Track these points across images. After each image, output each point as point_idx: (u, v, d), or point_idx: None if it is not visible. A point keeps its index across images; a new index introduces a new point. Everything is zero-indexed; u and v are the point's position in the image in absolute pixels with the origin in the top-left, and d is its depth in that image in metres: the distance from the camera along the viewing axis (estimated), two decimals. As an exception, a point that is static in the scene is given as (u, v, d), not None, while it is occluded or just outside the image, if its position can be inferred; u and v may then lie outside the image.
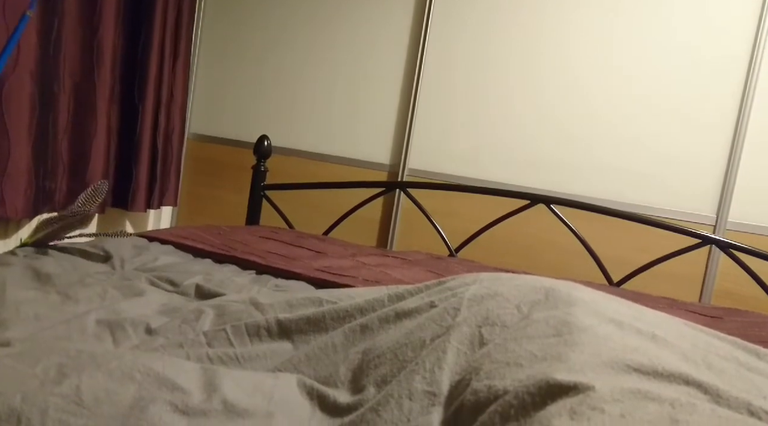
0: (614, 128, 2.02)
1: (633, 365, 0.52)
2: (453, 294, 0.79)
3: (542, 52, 2.09)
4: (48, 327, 0.85)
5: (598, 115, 2.04)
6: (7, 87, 1.61)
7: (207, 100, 2.56)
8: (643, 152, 2.00)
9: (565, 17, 2.06)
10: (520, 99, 2.12)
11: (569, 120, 2.07)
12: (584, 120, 2.05)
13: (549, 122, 2.09)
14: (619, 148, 2.02)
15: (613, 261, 1.82)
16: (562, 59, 2.07)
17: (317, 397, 0.69)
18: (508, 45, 2.13)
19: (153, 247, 1.43)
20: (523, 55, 2.11)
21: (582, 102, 2.06)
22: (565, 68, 2.07)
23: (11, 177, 1.66)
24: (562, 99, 2.08)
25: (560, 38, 2.07)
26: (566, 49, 2.07)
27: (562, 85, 2.08)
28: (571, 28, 2.06)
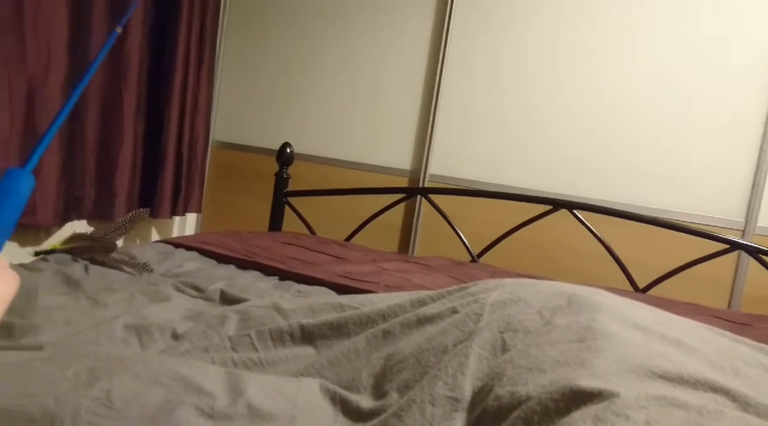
0: (638, 131, 2.00)
1: (658, 372, 0.51)
2: (475, 300, 0.79)
3: (564, 54, 2.08)
4: (78, 331, 0.87)
5: (622, 118, 2.02)
6: (39, 99, 1.66)
7: (230, 109, 2.60)
8: (668, 155, 1.97)
9: (586, 19, 2.05)
10: (541, 102, 2.11)
11: (592, 123, 2.05)
12: (607, 123, 2.03)
13: (571, 126, 2.07)
14: (643, 152, 1.99)
15: (638, 267, 1.79)
16: (584, 61, 2.06)
17: (340, 401, 0.70)
18: (529, 48, 2.12)
19: (178, 253, 1.45)
20: (544, 58, 2.10)
21: (604, 105, 2.03)
22: (587, 71, 2.05)
23: (42, 186, 1.71)
24: (584, 102, 2.06)
25: (582, 40, 2.06)
26: (588, 51, 2.05)
27: (584, 87, 2.06)
28: (593, 29, 2.04)
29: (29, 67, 1.63)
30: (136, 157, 2.13)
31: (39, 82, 1.66)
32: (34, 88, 1.65)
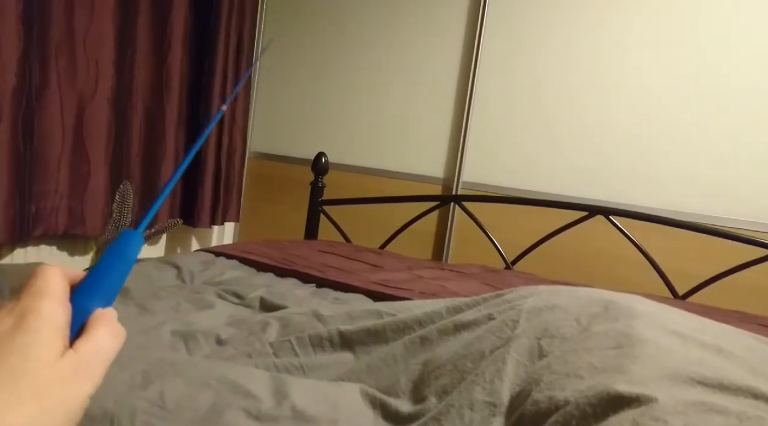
0: (677, 134, 1.96)
1: (697, 378, 0.52)
2: (511, 306, 0.80)
3: (599, 58, 2.06)
4: (129, 336, 0.91)
5: (660, 121, 1.98)
6: (88, 114, 1.74)
7: (266, 120, 2.66)
8: (707, 159, 1.93)
9: (622, 21, 2.03)
10: (575, 107, 2.10)
11: (628, 127, 2.03)
12: (644, 126, 2.00)
13: (606, 130, 2.05)
14: (681, 155, 1.96)
15: (677, 273, 1.76)
16: (620, 65, 2.03)
17: (380, 406, 0.72)
18: (563, 53, 2.11)
19: (219, 261, 1.50)
20: (578, 63, 2.09)
21: (640, 108, 2.01)
22: (622, 74, 2.03)
23: (91, 197, 1.79)
24: (619, 106, 2.04)
25: (618, 43, 2.04)
26: (625, 54, 2.03)
27: (619, 91, 2.03)
28: (629, 31, 2.02)
29: (79, 83, 1.71)
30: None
31: (87, 97, 1.74)
32: (83, 104, 1.73)
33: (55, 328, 0.32)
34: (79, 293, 0.35)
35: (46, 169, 1.65)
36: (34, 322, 0.31)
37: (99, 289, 0.36)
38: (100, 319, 0.35)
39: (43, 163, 1.64)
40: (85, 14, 1.70)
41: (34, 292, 0.33)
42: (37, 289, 0.33)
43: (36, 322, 0.31)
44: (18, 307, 0.32)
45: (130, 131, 1.95)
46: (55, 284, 0.34)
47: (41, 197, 1.65)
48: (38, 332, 0.31)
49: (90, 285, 0.36)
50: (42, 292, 0.33)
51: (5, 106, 1.44)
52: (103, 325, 0.35)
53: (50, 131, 1.64)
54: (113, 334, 0.35)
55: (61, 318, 0.33)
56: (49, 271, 0.34)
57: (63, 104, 1.67)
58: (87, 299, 0.35)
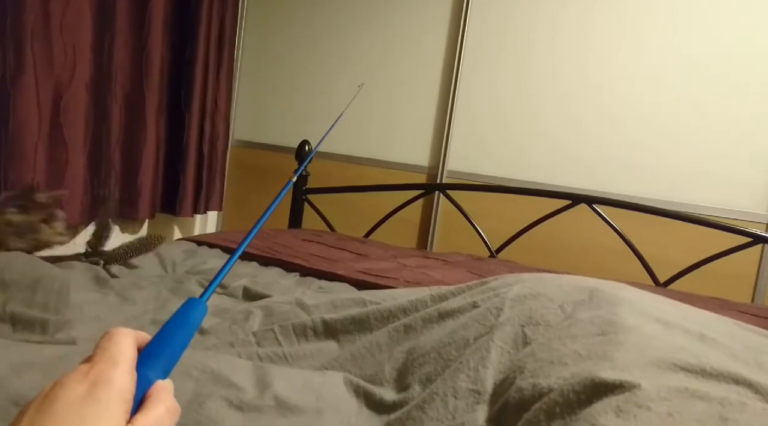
0: (658, 124, 1.98)
1: (680, 364, 0.52)
2: (495, 294, 0.80)
3: (584, 49, 2.07)
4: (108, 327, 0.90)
5: (642, 112, 2.00)
6: (65, 100, 1.70)
7: (249, 108, 2.63)
8: (689, 149, 1.94)
9: (609, 12, 2.03)
10: (560, 97, 2.10)
11: (610, 117, 2.04)
12: (626, 116, 2.02)
13: (589, 120, 2.06)
14: (663, 145, 1.97)
15: (658, 261, 1.78)
16: (602, 55, 2.04)
17: (364, 394, 0.71)
18: (546, 44, 2.11)
19: (201, 250, 1.48)
20: (562, 53, 2.09)
21: (623, 98, 2.02)
22: (605, 63, 2.04)
23: (69, 185, 1.75)
24: (603, 96, 2.04)
25: (603, 34, 2.04)
26: (610, 45, 2.03)
27: (603, 82, 2.04)
28: (614, 22, 2.02)
29: (56, 69, 1.67)
30: (159, 156, 2.17)
31: (65, 83, 1.70)
32: (60, 90, 1.69)
33: (124, 400, 0.33)
34: (143, 361, 0.36)
35: (22, 157, 1.61)
36: (105, 393, 0.32)
37: (161, 358, 0.37)
38: (160, 395, 0.36)
39: (19, 150, 1.60)
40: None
41: (108, 357, 0.34)
42: (111, 356, 0.34)
43: (107, 393, 0.32)
44: (92, 373, 0.33)
45: (109, 118, 1.91)
46: (127, 352, 0.35)
47: (17, 186, 1.61)
48: (109, 404, 0.32)
49: (153, 352, 0.37)
50: (115, 359, 0.34)
51: (-22, 91, 1.40)
52: (162, 401, 0.35)
53: (26, 118, 1.60)
54: (170, 411, 0.36)
55: (130, 389, 0.34)
56: (123, 337, 0.36)
57: (39, 90, 1.62)
58: (150, 368, 0.36)
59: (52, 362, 0.64)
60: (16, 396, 0.55)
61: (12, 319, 0.87)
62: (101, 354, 0.34)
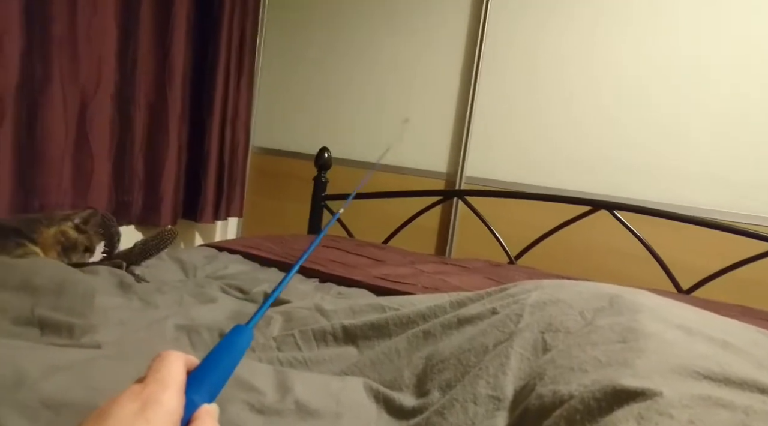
0: (680, 129, 1.95)
1: (702, 372, 0.51)
2: (515, 301, 0.80)
3: (601, 53, 2.05)
4: (133, 331, 0.92)
5: (662, 117, 1.98)
6: (90, 109, 1.74)
7: (269, 115, 2.66)
8: (711, 153, 1.92)
9: (622, 17, 2.02)
10: (579, 102, 2.09)
11: (630, 122, 2.02)
12: (646, 121, 2.00)
13: (609, 125, 2.05)
14: (684, 150, 1.95)
15: (681, 268, 1.76)
16: (622, 60, 2.02)
17: (383, 400, 0.72)
18: (566, 47, 2.10)
19: (222, 256, 1.50)
20: (581, 58, 2.08)
21: (643, 103, 2.00)
22: (625, 68, 2.02)
23: (94, 193, 1.79)
24: (622, 100, 2.03)
25: (619, 38, 2.03)
26: (626, 49, 2.02)
27: (622, 85, 2.03)
28: (632, 27, 2.01)
29: (82, 78, 1.71)
30: (180, 163, 2.20)
31: (90, 92, 1.74)
32: (86, 99, 1.73)
33: (172, 422, 0.34)
34: (191, 384, 0.37)
35: (49, 164, 1.65)
36: (155, 414, 0.33)
37: (207, 382, 0.38)
38: (205, 419, 0.37)
39: (47, 158, 1.64)
40: (88, 8, 1.69)
41: (159, 379, 0.35)
42: (162, 378, 0.35)
43: (157, 414, 0.33)
44: (144, 393, 0.34)
45: (132, 126, 1.95)
46: (178, 375, 0.36)
47: (45, 193, 1.65)
48: (157, 424, 0.33)
49: (200, 376, 0.38)
50: (166, 381, 0.35)
51: (8, 102, 1.44)
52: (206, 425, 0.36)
53: (53, 127, 1.64)
54: None
55: (178, 412, 0.35)
56: (174, 360, 0.37)
57: (66, 99, 1.66)
58: (196, 392, 0.37)
59: (79, 365, 0.66)
60: (46, 398, 0.56)
61: (40, 322, 0.89)
62: (153, 376, 0.36)
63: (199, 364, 0.39)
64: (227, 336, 0.42)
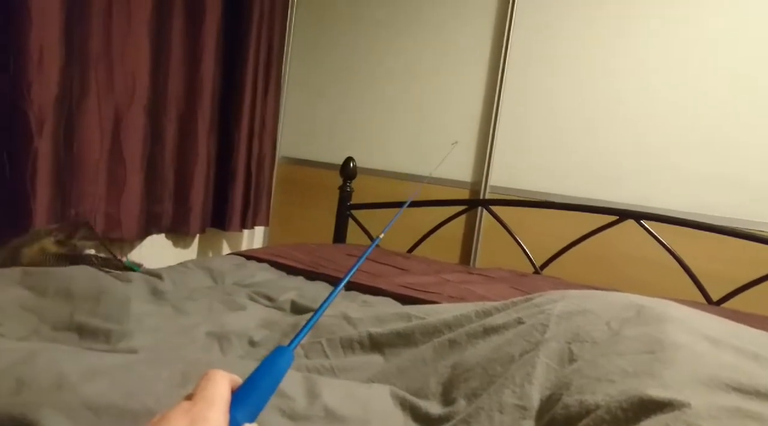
0: (709, 137, 1.93)
1: (732, 384, 0.51)
2: (540, 310, 0.80)
3: (625, 62, 2.04)
4: (166, 337, 0.94)
5: (690, 124, 1.95)
6: (124, 121, 1.80)
7: (296, 126, 2.70)
8: (740, 162, 1.88)
9: (646, 26, 2.00)
10: (604, 111, 2.07)
11: (658, 131, 2.00)
12: (674, 130, 1.97)
13: (636, 133, 2.03)
14: (714, 159, 1.92)
15: (710, 278, 1.72)
16: (649, 68, 2.01)
17: (410, 407, 0.73)
18: (590, 58, 2.10)
19: (250, 264, 1.53)
20: (605, 67, 2.07)
21: (671, 111, 1.98)
22: (652, 78, 2.00)
23: (126, 202, 1.84)
24: (649, 109, 2.01)
25: (644, 47, 2.01)
26: (652, 57, 2.00)
27: (649, 95, 2.01)
28: (656, 35, 1.99)
29: (117, 92, 1.77)
30: (209, 173, 2.25)
31: (124, 106, 1.80)
32: (120, 112, 1.79)
33: None
34: (235, 403, 0.39)
35: (85, 174, 1.71)
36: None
37: (249, 402, 0.40)
38: None
39: (83, 169, 1.70)
40: (123, 26, 1.75)
41: (207, 397, 0.37)
42: (209, 396, 0.37)
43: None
44: (192, 411, 0.36)
45: (164, 137, 2.00)
46: (224, 394, 0.38)
47: (81, 202, 1.71)
48: None
49: (243, 396, 0.40)
50: (213, 400, 0.37)
51: (48, 114, 1.50)
52: None
53: (89, 139, 1.70)
54: None
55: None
56: (220, 379, 0.39)
57: (101, 112, 1.72)
58: (239, 410, 0.39)
59: (117, 369, 0.68)
60: (88, 400, 0.59)
61: (78, 328, 0.93)
62: (201, 394, 0.37)
63: (242, 383, 0.41)
64: (269, 357, 0.43)
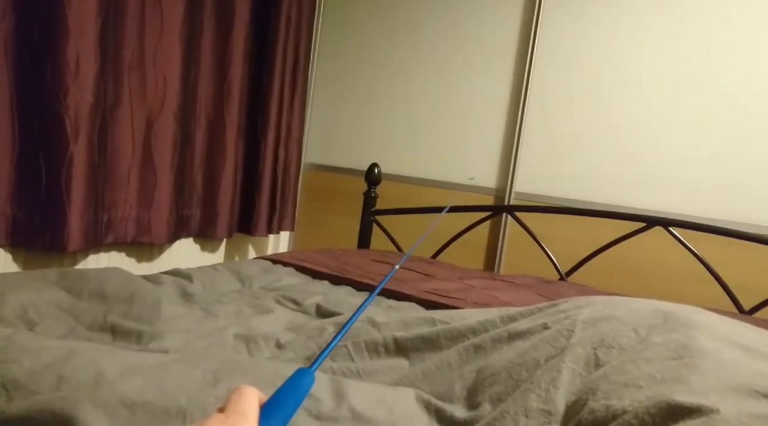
0: (739, 143, 1.89)
1: (762, 390, 0.51)
2: (566, 316, 0.80)
3: (654, 66, 2.02)
4: (196, 338, 0.97)
5: (720, 130, 1.92)
6: (156, 128, 1.85)
7: (321, 132, 2.73)
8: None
9: (672, 34, 1.98)
10: (630, 118, 2.05)
11: (685, 136, 1.96)
12: (703, 135, 1.94)
13: (663, 139, 2.00)
14: (743, 165, 1.88)
15: (742, 287, 1.69)
16: (676, 74, 1.98)
17: (435, 411, 0.73)
18: (617, 62, 2.08)
19: (276, 268, 1.55)
20: (632, 73, 2.05)
21: (699, 116, 1.94)
22: (679, 82, 1.98)
23: (156, 207, 1.88)
24: (677, 114, 1.98)
25: (672, 52, 1.99)
26: (681, 62, 1.97)
27: (675, 101, 1.98)
28: (684, 40, 1.97)
29: (149, 99, 1.82)
30: (237, 179, 2.29)
31: (156, 112, 1.85)
32: (151, 119, 1.84)
33: None
34: (263, 418, 0.41)
35: (117, 180, 1.76)
36: None
37: (276, 418, 0.42)
38: None
39: (116, 174, 1.75)
40: (155, 34, 1.81)
41: (240, 411, 0.39)
42: (242, 411, 0.39)
43: None
44: (227, 422, 0.38)
45: (193, 143, 2.05)
46: (255, 409, 0.40)
47: (113, 207, 1.76)
48: None
49: (269, 412, 0.42)
50: (245, 414, 0.39)
51: (83, 122, 1.55)
52: None
53: (122, 145, 1.75)
54: None
55: None
56: (251, 396, 0.41)
57: (134, 119, 1.77)
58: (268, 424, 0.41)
59: (152, 368, 0.70)
60: (124, 397, 0.61)
61: (112, 329, 0.96)
62: (234, 407, 0.39)
63: (267, 400, 0.43)
64: (292, 378, 0.45)
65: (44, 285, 1.07)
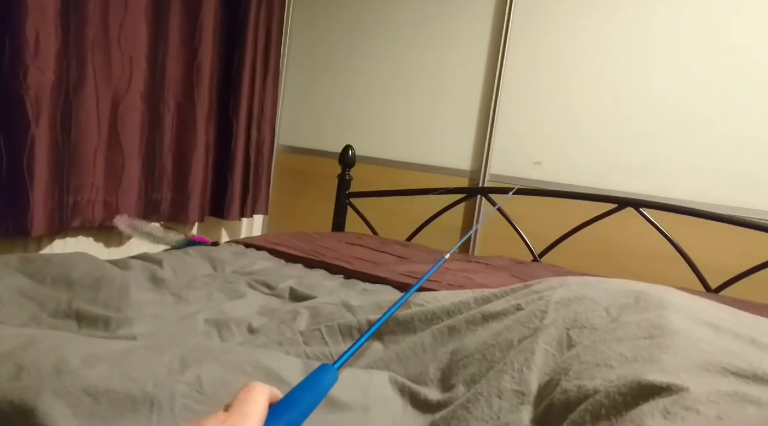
0: (708, 125, 1.92)
1: (730, 368, 0.51)
2: (539, 297, 0.81)
3: (624, 50, 2.03)
4: (165, 324, 0.95)
5: (690, 112, 1.94)
6: (122, 109, 1.79)
7: (294, 113, 2.69)
8: (739, 151, 1.88)
9: (645, 15, 1.99)
10: (604, 99, 2.07)
11: (656, 119, 1.99)
12: (673, 118, 1.97)
13: (635, 122, 2.02)
14: (713, 148, 1.91)
15: (709, 267, 1.73)
16: (648, 56, 2.00)
17: (409, 393, 0.73)
18: (590, 45, 2.08)
19: (249, 252, 1.53)
20: (605, 55, 2.06)
21: (670, 100, 1.97)
22: (651, 65, 1.99)
23: (125, 190, 1.83)
24: (648, 97, 2.00)
25: (643, 35, 2.00)
26: (651, 45, 1.99)
27: (648, 83, 2.00)
28: (653, 24, 1.98)
29: (114, 79, 1.76)
30: (208, 161, 2.24)
31: (122, 92, 1.79)
32: (118, 99, 1.78)
33: None
34: (271, 417, 0.39)
35: (83, 162, 1.70)
36: None
37: (286, 418, 0.39)
38: None
39: (81, 157, 1.69)
40: (120, 11, 1.74)
41: (243, 411, 0.37)
42: (246, 410, 0.37)
43: None
44: (227, 422, 0.36)
45: (162, 125, 2.00)
46: (261, 408, 0.38)
47: (78, 190, 1.70)
48: None
49: (280, 411, 0.39)
50: (249, 414, 0.37)
51: (44, 101, 1.49)
52: None
53: (87, 126, 1.69)
54: None
55: None
56: (258, 393, 0.39)
57: (99, 99, 1.71)
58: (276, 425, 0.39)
59: (117, 355, 0.68)
60: (88, 385, 0.59)
61: (77, 315, 0.93)
62: (238, 406, 0.38)
63: (281, 398, 0.40)
64: (313, 374, 0.42)
65: (5, 271, 1.03)
